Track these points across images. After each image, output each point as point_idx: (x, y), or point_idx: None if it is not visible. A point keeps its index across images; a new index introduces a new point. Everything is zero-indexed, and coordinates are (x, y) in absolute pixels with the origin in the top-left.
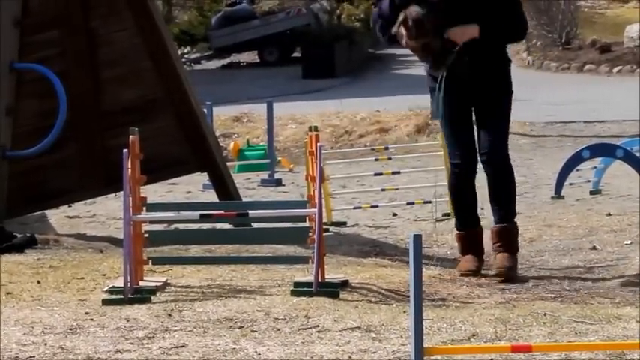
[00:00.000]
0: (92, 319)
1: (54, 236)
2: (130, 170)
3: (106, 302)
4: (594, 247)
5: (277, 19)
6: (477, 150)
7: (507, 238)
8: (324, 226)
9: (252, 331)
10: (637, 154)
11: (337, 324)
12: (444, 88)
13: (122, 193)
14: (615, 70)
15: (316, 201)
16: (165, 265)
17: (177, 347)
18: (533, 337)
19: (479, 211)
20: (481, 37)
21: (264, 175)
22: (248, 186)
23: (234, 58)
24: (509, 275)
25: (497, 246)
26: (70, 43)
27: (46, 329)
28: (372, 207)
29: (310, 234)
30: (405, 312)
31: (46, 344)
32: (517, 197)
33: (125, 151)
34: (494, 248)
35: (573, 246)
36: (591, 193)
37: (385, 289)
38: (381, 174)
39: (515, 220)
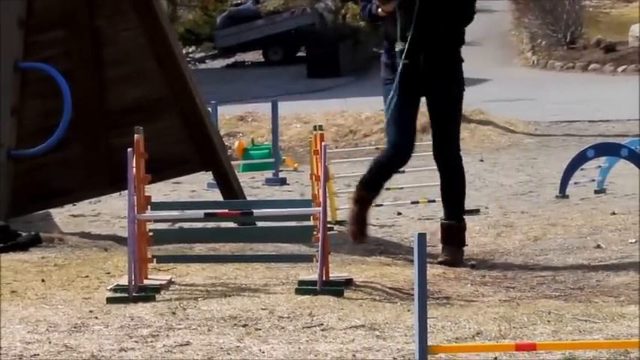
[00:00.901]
0: (96, 318)
1: (58, 235)
2: (134, 169)
3: (110, 300)
4: (599, 246)
5: (282, 18)
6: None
7: (453, 235)
8: (329, 225)
9: (257, 329)
10: None
11: (341, 322)
12: (399, 77)
13: (126, 191)
14: (620, 69)
15: (321, 200)
16: (169, 263)
17: (181, 345)
18: (537, 335)
19: (483, 209)
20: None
21: (269, 173)
22: (252, 185)
23: (239, 57)
24: (453, 263)
25: (445, 241)
26: (75, 42)
27: (50, 327)
28: (377, 206)
29: (315, 233)
30: (409, 310)
31: (50, 342)
32: (522, 196)
33: (130, 150)
34: (442, 241)
35: (578, 245)
36: (596, 192)
37: (389, 288)
38: None
39: (464, 216)
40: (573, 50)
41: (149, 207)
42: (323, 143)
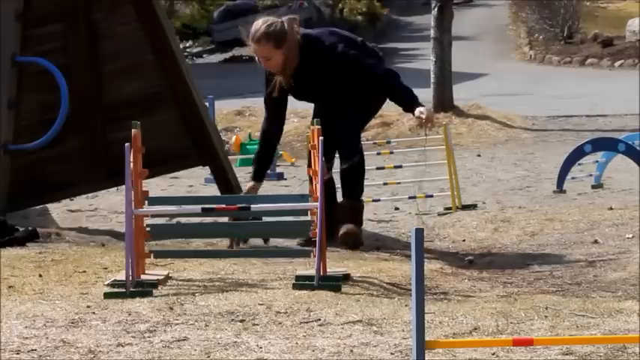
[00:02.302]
0: (94, 313)
1: (55, 230)
2: (131, 164)
3: (107, 296)
4: (596, 241)
5: (279, 12)
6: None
7: (353, 213)
8: None
9: (254, 324)
10: (639, 148)
11: (339, 318)
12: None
13: (124, 186)
14: (617, 64)
15: (318, 195)
16: (166, 258)
17: (178, 341)
18: (534, 330)
19: (480, 204)
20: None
21: None
22: (250, 180)
23: (236, 51)
24: (352, 241)
25: (344, 219)
26: (72, 36)
27: (47, 323)
28: (374, 201)
29: (312, 228)
30: (406, 306)
31: (47, 338)
32: (519, 191)
33: (127, 144)
34: (341, 220)
35: (575, 240)
36: (593, 187)
37: (387, 283)
38: (382, 168)
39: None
40: (571, 45)
41: (146, 202)
42: (320, 138)
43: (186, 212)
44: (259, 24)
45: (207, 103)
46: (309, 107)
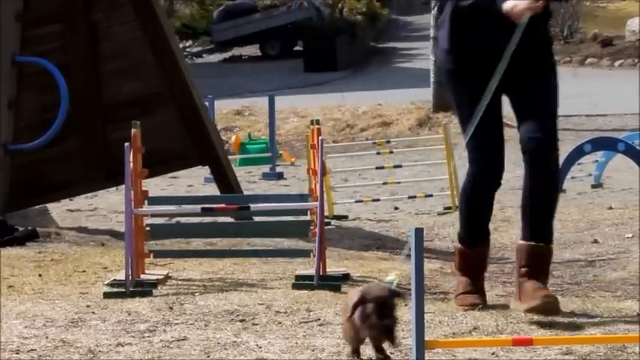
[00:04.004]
0: (93, 313)
1: (55, 229)
2: (131, 163)
3: (107, 295)
4: (596, 241)
5: (279, 12)
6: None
7: (540, 262)
8: (326, 220)
9: (254, 324)
10: (638, 148)
11: (338, 317)
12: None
13: (123, 186)
14: (617, 63)
15: (318, 194)
16: (166, 258)
17: (178, 340)
18: (534, 330)
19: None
20: None
21: (266, 168)
22: (249, 179)
23: (236, 51)
24: (551, 308)
25: (525, 271)
26: (72, 37)
27: (47, 322)
28: (374, 200)
29: (312, 227)
30: (406, 305)
31: (47, 337)
32: (519, 191)
33: (127, 144)
34: (521, 272)
35: (575, 239)
36: (593, 186)
37: (386, 283)
38: (382, 167)
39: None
40: (570, 44)
41: (146, 202)
42: (320, 137)
43: (185, 212)
44: None
45: (206, 103)
46: (308, 107)
